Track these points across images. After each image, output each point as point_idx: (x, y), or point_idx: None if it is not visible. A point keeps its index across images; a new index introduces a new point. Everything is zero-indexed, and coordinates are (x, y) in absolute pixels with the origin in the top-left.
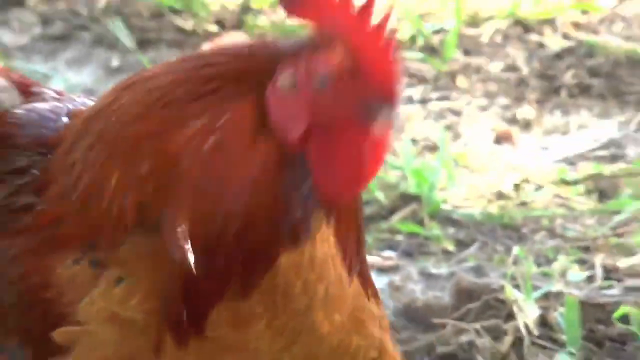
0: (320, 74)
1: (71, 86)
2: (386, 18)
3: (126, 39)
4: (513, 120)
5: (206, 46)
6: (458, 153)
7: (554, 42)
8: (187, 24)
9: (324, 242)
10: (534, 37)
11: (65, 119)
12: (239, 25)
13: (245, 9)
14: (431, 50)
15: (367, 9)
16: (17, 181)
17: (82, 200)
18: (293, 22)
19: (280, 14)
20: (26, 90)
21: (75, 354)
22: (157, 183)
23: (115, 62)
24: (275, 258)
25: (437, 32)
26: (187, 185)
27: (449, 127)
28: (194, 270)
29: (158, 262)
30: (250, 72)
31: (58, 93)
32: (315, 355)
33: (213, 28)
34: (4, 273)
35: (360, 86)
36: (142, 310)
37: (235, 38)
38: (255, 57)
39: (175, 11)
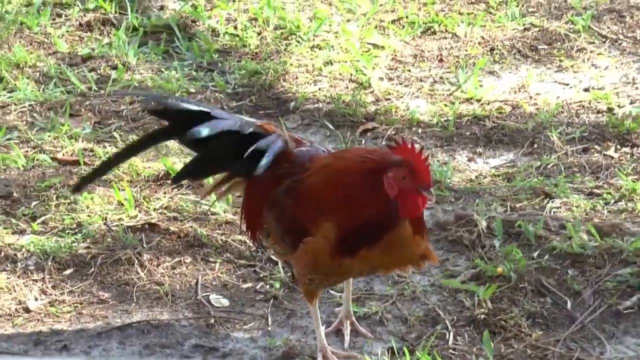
0: (403, 174)
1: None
2: (426, 156)
3: (330, 125)
4: (475, 153)
5: (362, 128)
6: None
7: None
8: (354, 119)
9: (404, 226)
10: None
11: (311, 156)
12: (374, 119)
13: (375, 113)
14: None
15: (420, 151)
16: (294, 177)
17: (315, 194)
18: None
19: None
20: (298, 141)
21: (305, 247)
22: (342, 200)
23: (327, 134)
24: (387, 234)
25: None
26: (355, 203)
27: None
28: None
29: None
30: (379, 167)
31: (310, 143)
32: (401, 257)
33: (363, 120)
34: (286, 214)
35: (417, 181)
36: (330, 242)
37: (372, 125)
38: (382, 159)
39: (349, 114)
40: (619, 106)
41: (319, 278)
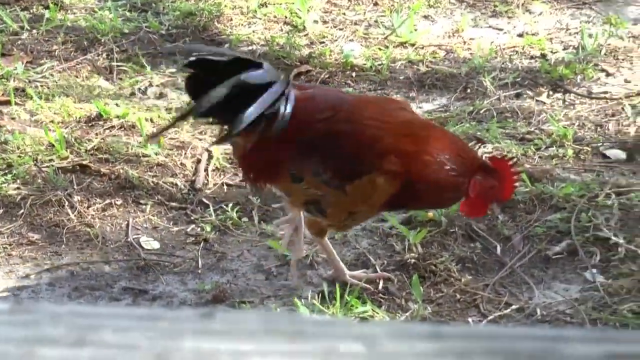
0: (492, 184)
1: None
2: (519, 173)
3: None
4: (409, 97)
5: (296, 70)
6: None
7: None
8: (288, 61)
9: None
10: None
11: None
12: (308, 62)
13: (309, 56)
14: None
15: (515, 171)
16: (331, 119)
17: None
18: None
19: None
20: (300, 87)
21: (370, 182)
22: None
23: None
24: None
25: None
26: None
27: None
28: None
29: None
30: (470, 170)
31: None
32: None
33: (297, 63)
34: (344, 152)
35: (502, 196)
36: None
37: (306, 67)
38: (475, 162)
39: (283, 57)
40: (552, 52)
41: (361, 213)
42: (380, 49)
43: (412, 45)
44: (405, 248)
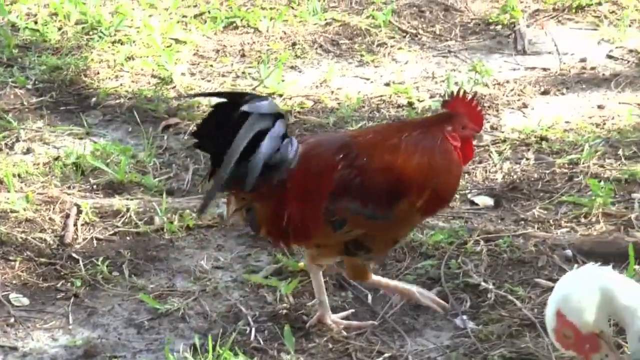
0: (462, 124)
1: None
2: (478, 102)
3: (133, 121)
4: None
5: (164, 123)
6: None
7: (292, 119)
8: (156, 114)
9: None
10: None
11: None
12: (176, 115)
13: (178, 109)
14: None
15: (475, 101)
16: (351, 158)
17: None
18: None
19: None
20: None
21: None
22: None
23: (129, 129)
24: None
25: None
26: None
27: None
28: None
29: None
30: (437, 123)
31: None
32: None
33: (165, 116)
34: (379, 190)
35: (476, 126)
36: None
37: (174, 120)
38: (439, 118)
39: (151, 109)
40: (419, 100)
41: (402, 236)
42: None
43: (280, 95)
44: (277, 299)
